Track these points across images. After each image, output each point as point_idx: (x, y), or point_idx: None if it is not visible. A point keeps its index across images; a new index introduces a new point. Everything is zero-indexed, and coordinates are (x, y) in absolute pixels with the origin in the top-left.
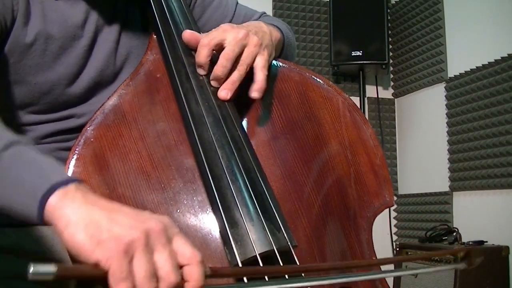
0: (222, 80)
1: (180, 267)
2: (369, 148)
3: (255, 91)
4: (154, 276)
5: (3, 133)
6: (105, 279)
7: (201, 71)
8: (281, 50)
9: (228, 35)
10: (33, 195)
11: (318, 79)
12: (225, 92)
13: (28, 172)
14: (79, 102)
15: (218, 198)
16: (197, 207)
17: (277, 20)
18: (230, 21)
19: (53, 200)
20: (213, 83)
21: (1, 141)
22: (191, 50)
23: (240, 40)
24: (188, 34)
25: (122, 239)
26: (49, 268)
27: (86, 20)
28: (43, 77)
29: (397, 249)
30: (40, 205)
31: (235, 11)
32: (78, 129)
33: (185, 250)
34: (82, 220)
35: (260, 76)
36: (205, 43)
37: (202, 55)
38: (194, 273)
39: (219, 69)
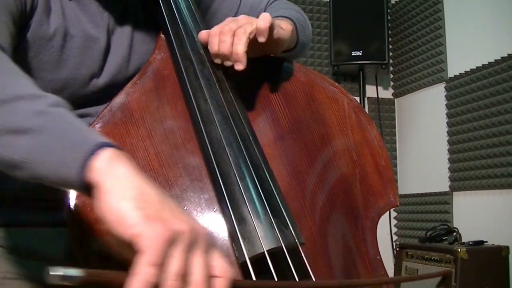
0: (227, 57)
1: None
2: (374, 149)
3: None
4: (183, 278)
5: (47, 93)
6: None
7: (218, 61)
8: (296, 39)
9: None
10: (80, 149)
11: (323, 80)
12: (238, 64)
13: (74, 129)
14: (91, 103)
15: (226, 195)
16: (203, 204)
17: (286, 3)
18: (236, 13)
19: (103, 157)
20: (217, 60)
21: (48, 98)
22: (199, 48)
23: (236, 21)
24: (204, 35)
25: (171, 225)
26: (76, 272)
27: (99, 24)
28: (58, 74)
29: (397, 249)
30: (85, 159)
31: (240, 1)
32: None
33: (221, 263)
34: (132, 189)
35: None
36: (215, 32)
37: (215, 44)
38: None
39: (221, 45)
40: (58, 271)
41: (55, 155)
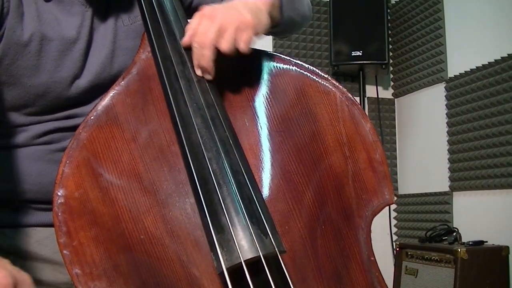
0: (208, 71)
1: None
2: (368, 143)
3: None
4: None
5: None
6: None
7: (199, 72)
8: (280, 10)
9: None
10: None
11: (315, 72)
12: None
13: None
14: (78, 104)
15: (205, 203)
16: (189, 209)
17: None
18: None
19: None
20: (198, 72)
21: None
22: (180, 48)
23: (213, 21)
24: (187, 42)
25: None
26: None
27: (81, 23)
28: (38, 79)
29: (397, 249)
30: None
31: None
32: (76, 128)
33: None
34: None
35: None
36: (192, 34)
37: (194, 57)
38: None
39: (201, 59)
40: None
41: None
